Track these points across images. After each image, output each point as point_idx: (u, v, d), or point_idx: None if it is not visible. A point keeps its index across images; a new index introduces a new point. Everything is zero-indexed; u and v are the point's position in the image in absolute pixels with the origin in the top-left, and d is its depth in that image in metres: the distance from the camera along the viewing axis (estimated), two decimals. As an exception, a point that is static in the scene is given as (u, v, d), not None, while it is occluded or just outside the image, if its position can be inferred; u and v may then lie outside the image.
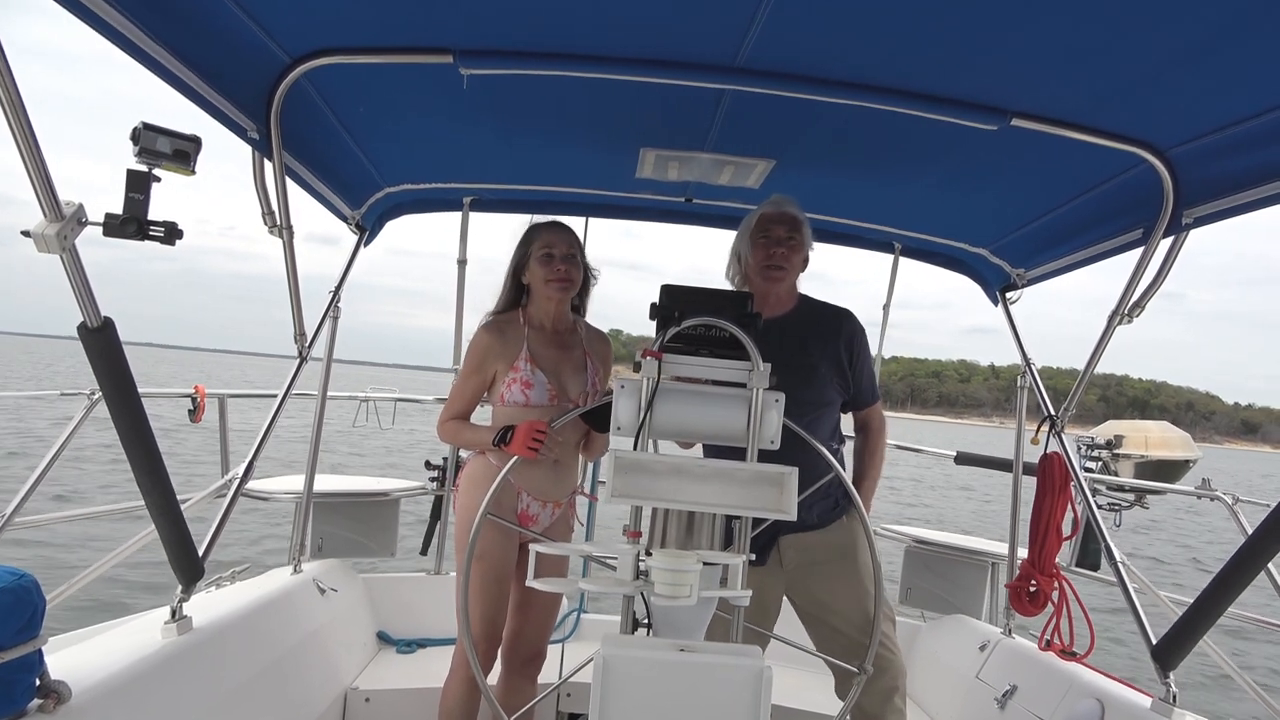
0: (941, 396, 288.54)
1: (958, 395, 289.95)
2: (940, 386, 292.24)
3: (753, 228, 2.58)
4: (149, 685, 1.98)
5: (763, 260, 2.52)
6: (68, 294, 1.66)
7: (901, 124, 2.17)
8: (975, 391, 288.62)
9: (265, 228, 2.55)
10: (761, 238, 2.54)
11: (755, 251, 2.54)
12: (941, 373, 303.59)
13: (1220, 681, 6.83)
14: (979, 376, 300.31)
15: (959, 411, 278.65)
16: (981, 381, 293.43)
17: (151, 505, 2.02)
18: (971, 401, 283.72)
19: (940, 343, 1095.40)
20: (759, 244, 2.54)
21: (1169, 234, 2.40)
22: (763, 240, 2.53)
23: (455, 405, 2.64)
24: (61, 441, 2.98)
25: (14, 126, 1.42)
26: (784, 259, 2.51)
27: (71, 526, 8.08)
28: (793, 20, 1.73)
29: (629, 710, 1.56)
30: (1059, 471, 3.06)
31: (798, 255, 2.54)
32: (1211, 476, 3.76)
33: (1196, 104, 1.91)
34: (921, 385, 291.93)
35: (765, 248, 2.52)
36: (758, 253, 2.54)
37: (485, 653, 2.52)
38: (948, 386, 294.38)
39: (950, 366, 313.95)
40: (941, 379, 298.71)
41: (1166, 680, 2.36)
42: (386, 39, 2.01)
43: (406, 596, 3.77)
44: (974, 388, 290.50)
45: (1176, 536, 17.79)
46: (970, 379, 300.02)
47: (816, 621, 2.53)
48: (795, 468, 1.75)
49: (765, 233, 2.54)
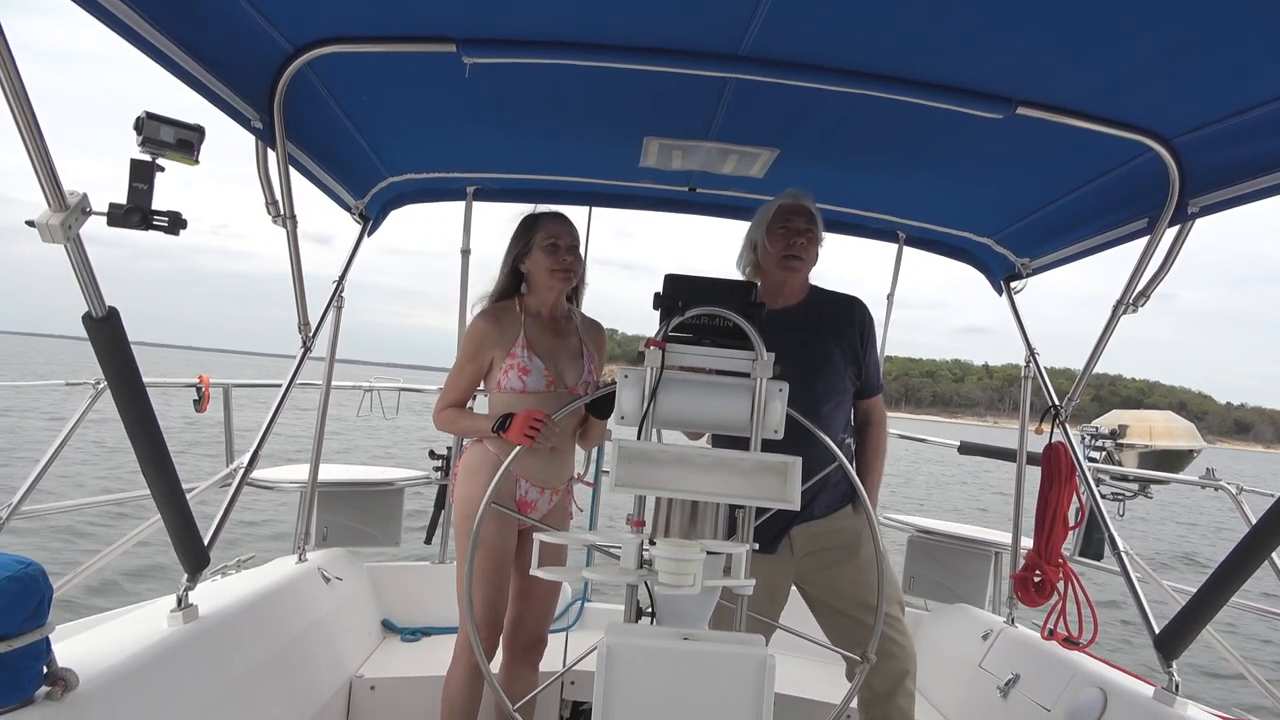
0: (936, 396, 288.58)
1: (952, 395, 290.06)
2: (934, 386, 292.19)
3: (770, 217, 2.58)
4: (155, 673, 2.00)
5: (782, 250, 2.54)
6: (68, 294, 1.67)
7: (906, 113, 2.16)
8: (969, 391, 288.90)
9: (269, 218, 2.55)
10: (780, 228, 2.55)
11: (774, 241, 2.55)
12: (936, 372, 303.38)
13: (1223, 669, 6.84)
14: (973, 376, 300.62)
15: (953, 411, 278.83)
16: (976, 381, 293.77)
17: (157, 494, 2.03)
18: (966, 401, 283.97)
19: (934, 342, 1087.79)
20: (778, 234, 2.55)
21: (1174, 223, 2.39)
22: (782, 230, 2.55)
23: (452, 393, 2.64)
24: (67, 430, 2.99)
25: (18, 117, 1.42)
26: (803, 249, 2.54)
27: (78, 514, 8.13)
28: (796, 8, 1.72)
29: (632, 698, 1.56)
30: (1064, 461, 3.06)
31: (814, 247, 2.57)
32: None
33: (1202, 92, 1.90)
34: (916, 385, 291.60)
35: (785, 238, 2.54)
36: (777, 243, 2.55)
37: (487, 640, 2.53)
38: (942, 386, 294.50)
39: (944, 366, 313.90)
40: (936, 378, 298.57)
41: (1169, 669, 2.36)
42: (389, 28, 2.00)
43: (411, 585, 3.79)
44: (968, 387, 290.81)
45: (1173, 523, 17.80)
46: (964, 379, 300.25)
47: (827, 609, 2.54)
48: (799, 457, 1.75)
49: (785, 223, 2.55)
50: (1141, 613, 2.52)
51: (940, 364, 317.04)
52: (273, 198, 2.51)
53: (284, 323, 2.95)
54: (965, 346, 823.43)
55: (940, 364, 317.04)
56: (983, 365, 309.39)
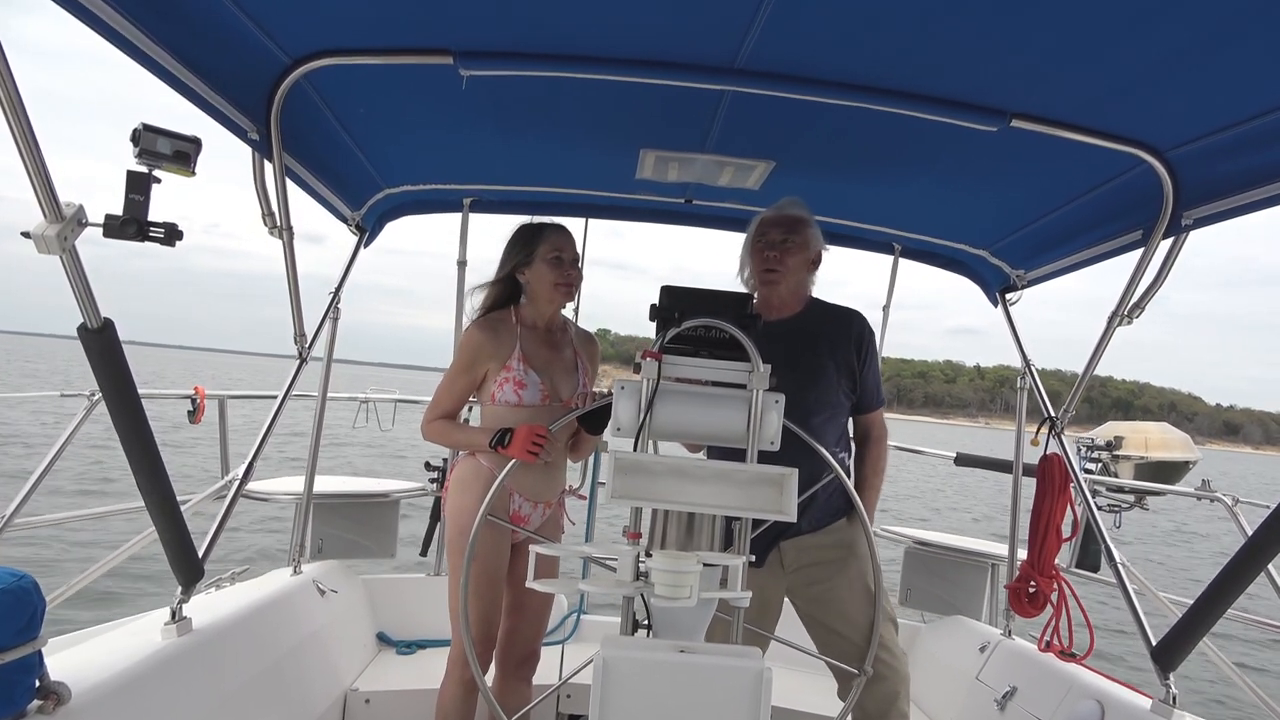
0: (928, 397, 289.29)
1: (943, 396, 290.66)
2: (926, 387, 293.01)
3: (752, 232, 2.58)
4: (148, 686, 1.98)
5: (759, 265, 2.53)
6: (66, 293, 1.67)
7: (901, 125, 2.17)
8: (961, 392, 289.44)
9: (265, 228, 2.55)
10: (758, 242, 2.55)
11: (753, 257, 2.55)
12: (928, 373, 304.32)
13: (1220, 683, 6.83)
14: (965, 377, 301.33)
15: (944, 412, 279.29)
16: (967, 382, 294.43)
17: (151, 506, 2.02)
18: (957, 402, 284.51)
19: (926, 343, 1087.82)
20: (755, 248, 2.55)
21: (1169, 235, 2.40)
22: (759, 244, 2.54)
23: (443, 404, 2.60)
24: (62, 442, 2.98)
25: (14, 127, 1.42)
26: (777, 262, 2.50)
27: (72, 527, 8.09)
28: (792, 21, 1.73)
29: (629, 711, 1.56)
30: (1059, 472, 3.06)
31: (795, 257, 2.52)
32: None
33: (1196, 105, 1.91)
34: (908, 386, 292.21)
35: (760, 252, 2.53)
36: (755, 258, 2.55)
37: (481, 654, 2.51)
38: (934, 387, 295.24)
39: (936, 367, 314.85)
40: (928, 379, 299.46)
41: (1166, 681, 2.36)
42: (386, 40, 2.01)
43: (406, 598, 3.77)
44: (960, 388, 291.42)
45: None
46: (956, 379, 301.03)
47: (817, 624, 2.52)
48: (795, 469, 1.75)
49: (761, 236, 2.55)
50: (1138, 624, 2.52)
51: (932, 365, 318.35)
52: (269, 209, 2.51)
53: (278, 323, 2.94)
54: (957, 347, 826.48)
55: (932, 365, 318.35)
56: (974, 366, 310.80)
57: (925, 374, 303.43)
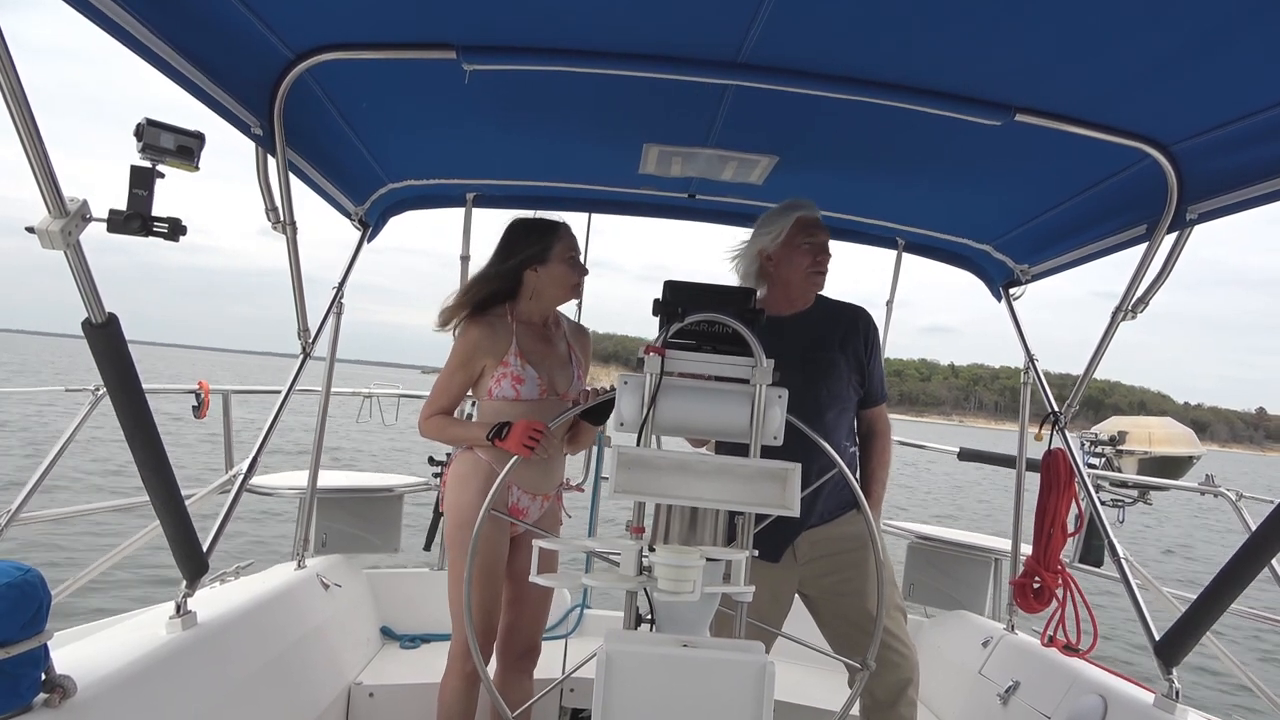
0: (903, 395, 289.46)
1: (919, 394, 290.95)
2: (902, 385, 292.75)
3: (791, 230, 2.57)
4: (154, 680, 1.99)
5: (810, 265, 2.56)
6: (66, 292, 1.67)
7: (905, 119, 2.16)
8: (935, 390, 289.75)
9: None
10: (807, 242, 2.56)
11: (799, 255, 2.55)
12: (903, 371, 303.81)
13: (1223, 677, 6.83)
14: (939, 375, 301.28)
15: (920, 410, 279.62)
16: (942, 380, 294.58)
17: (156, 501, 2.03)
18: (932, 400, 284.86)
19: (900, 341, 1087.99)
20: (803, 248, 2.55)
21: (1173, 229, 2.39)
22: (808, 245, 2.56)
23: (440, 400, 2.59)
24: (66, 437, 2.99)
25: (18, 123, 1.42)
26: (827, 263, 2.58)
27: (76, 521, 8.12)
28: (796, 15, 1.73)
29: (632, 705, 1.56)
30: (1063, 468, 3.06)
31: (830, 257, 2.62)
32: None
33: (1201, 99, 1.91)
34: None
35: (812, 252, 2.56)
36: (802, 257, 2.55)
37: (481, 648, 2.52)
38: (909, 385, 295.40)
39: (911, 365, 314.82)
40: (903, 378, 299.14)
41: (1170, 676, 2.36)
42: (389, 34, 2.01)
43: (410, 592, 3.78)
44: (934, 386, 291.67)
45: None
46: (931, 378, 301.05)
47: (829, 616, 2.54)
48: (799, 463, 1.75)
49: (811, 238, 2.57)
50: (1141, 619, 2.51)
51: (907, 363, 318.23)
52: (272, 204, 2.51)
53: (251, 320, 2.91)
54: (931, 346, 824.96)
55: (907, 363, 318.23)
56: (949, 365, 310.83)
57: (900, 372, 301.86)
